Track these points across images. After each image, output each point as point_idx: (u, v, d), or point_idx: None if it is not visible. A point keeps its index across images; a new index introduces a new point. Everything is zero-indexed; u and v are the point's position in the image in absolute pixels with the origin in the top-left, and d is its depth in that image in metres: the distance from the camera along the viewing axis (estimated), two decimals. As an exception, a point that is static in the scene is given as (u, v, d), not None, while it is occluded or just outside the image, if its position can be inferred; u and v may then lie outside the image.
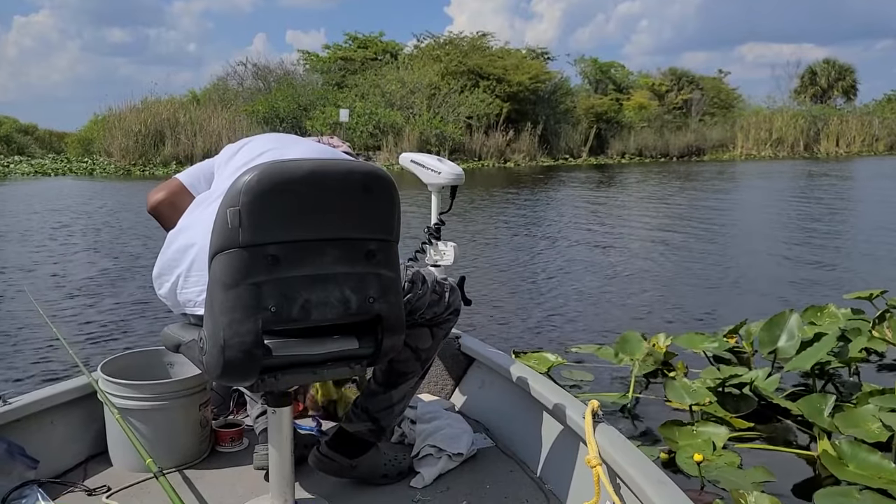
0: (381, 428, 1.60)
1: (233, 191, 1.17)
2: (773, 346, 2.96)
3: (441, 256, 2.03)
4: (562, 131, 24.24)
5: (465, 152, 21.20)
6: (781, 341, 2.96)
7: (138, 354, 1.87)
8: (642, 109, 27.81)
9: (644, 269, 5.58)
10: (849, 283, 4.78)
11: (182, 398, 1.69)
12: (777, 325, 3.00)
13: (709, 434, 2.29)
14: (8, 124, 24.44)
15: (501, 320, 4.04)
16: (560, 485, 1.58)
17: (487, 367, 2.02)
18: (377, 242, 1.27)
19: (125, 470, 1.66)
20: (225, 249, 1.17)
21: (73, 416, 1.72)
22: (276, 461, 1.41)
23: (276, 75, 24.09)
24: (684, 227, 8.06)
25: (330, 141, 1.70)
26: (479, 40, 25.06)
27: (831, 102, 33.48)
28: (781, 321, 3.00)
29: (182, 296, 1.37)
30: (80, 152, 21.00)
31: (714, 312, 4.18)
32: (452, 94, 21.62)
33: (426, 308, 1.54)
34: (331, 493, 1.58)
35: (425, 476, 1.64)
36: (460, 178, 1.98)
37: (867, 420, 2.26)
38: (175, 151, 18.30)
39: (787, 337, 2.95)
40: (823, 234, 7.37)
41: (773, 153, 27.10)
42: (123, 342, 3.58)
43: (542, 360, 3.04)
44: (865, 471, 2.01)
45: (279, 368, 1.27)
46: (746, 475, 2.08)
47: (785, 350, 2.91)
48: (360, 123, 19.94)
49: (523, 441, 1.78)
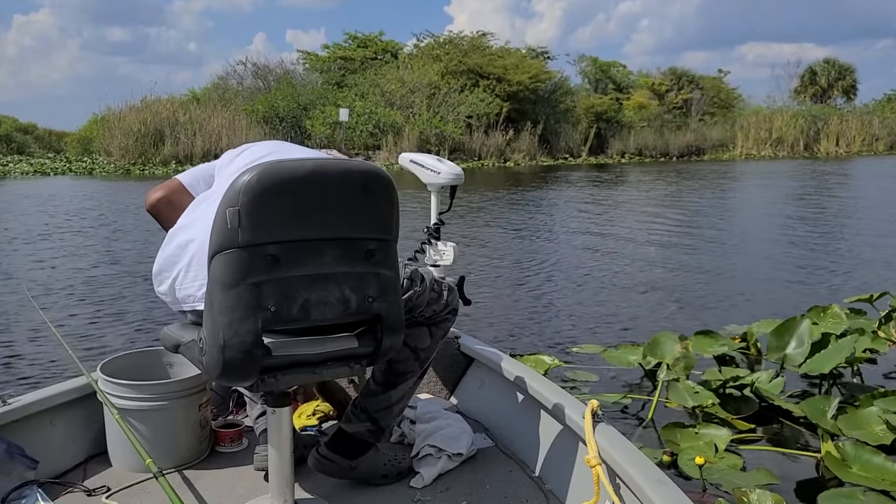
0: (381, 428, 1.60)
1: (232, 190, 1.17)
2: (782, 353, 2.86)
3: (440, 256, 2.03)
4: (562, 131, 24.23)
5: (465, 152, 21.19)
6: (790, 348, 2.85)
7: (138, 354, 1.87)
8: (642, 109, 27.82)
9: (645, 270, 5.57)
10: (849, 285, 4.78)
11: (182, 398, 1.68)
12: (787, 331, 2.89)
13: (711, 436, 2.28)
14: (7, 123, 24.39)
15: (502, 320, 4.03)
16: (560, 484, 1.58)
17: (487, 367, 2.02)
18: (376, 242, 1.28)
19: (125, 470, 1.66)
20: (224, 249, 1.17)
21: (73, 417, 1.72)
22: (276, 462, 1.40)
23: (275, 75, 24.08)
24: (685, 227, 8.06)
25: (329, 154, 1.70)
26: (478, 40, 25.06)
27: (831, 102, 33.48)
28: (792, 327, 2.89)
29: (182, 292, 1.37)
30: (80, 152, 20.98)
31: (716, 314, 4.16)
32: (452, 94, 21.62)
33: (425, 306, 1.55)
34: (330, 493, 1.58)
35: (425, 476, 1.64)
36: (460, 178, 1.99)
37: (871, 422, 2.25)
38: (175, 151, 18.28)
39: (797, 343, 2.84)
40: (824, 236, 7.36)
41: (772, 153, 27.11)
42: (123, 342, 3.57)
43: (539, 361, 3.02)
44: (869, 473, 2.00)
45: (279, 368, 1.27)
46: (749, 477, 2.08)
47: (793, 358, 2.81)
48: (359, 123, 19.93)
49: (523, 441, 1.78)
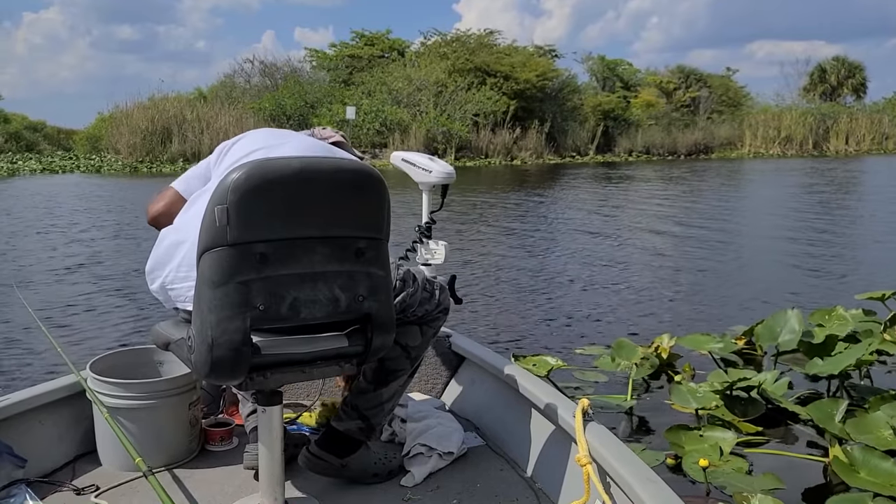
0: (371, 426, 1.60)
1: (221, 189, 1.17)
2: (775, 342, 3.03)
3: (432, 255, 2.03)
4: (569, 129, 24.16)
5: (472, 150, 21.17)
6: (782, 336, 3.04)
7: (128, 353, 1.85)
8: (650, 107, 27.70)
9: (651, 270, 5.53)
10: (861, 284, 4.70)
11: (171, 397, 1.66)
12: (777, 322, 3.09)
13: (716, 439, 2.24)
14: (17, 121, 24.56)
15: (503, 321, 3.99)
16: (550, 483, 1.58)
17: (478, 366, 2.02)
18: (367, 241, 1.27)
19: (114, 469, 1.65)
20: (213, 247, 1.16)
21: (62, 415, 1.71)
22: (267, 460, 1.39)
23: (283, 73, 24.13)
24: (692, 225, 7.99)
25: (322, 133, 1.69)
26: (486, 38, 25.02)
27: (841, 100, 33.20)
28: (782, 319, 3.10)
29: (173, 291, 1.37)
30: (88, 149, 21.08)
31: (722, 313, 4.12)
32: (459, 92, 21.58)
33: (417, 306, 1.55)
34: (321, 492, 1.57)
35: (416, 475, 1.63)
36: (451, 176, 1.99)
37: (879, 426, 2.21)
38: (182, 148, 18.36)
39: (788, 331, 3.02)
40: (835, 234, 7.28)
41: (781, 151, 26.94)
42: (113, 340, 3.54)
43: (543, 362, 2.99)
44: (877, 478, 1.95)
45: (268, 367, 1.26)
46: (755, 481, 2.03)
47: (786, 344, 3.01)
48: (366, 121, 19.94)
49: (514, 440, 1.78)
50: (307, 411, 1.95)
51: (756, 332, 3.19)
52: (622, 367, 2.98)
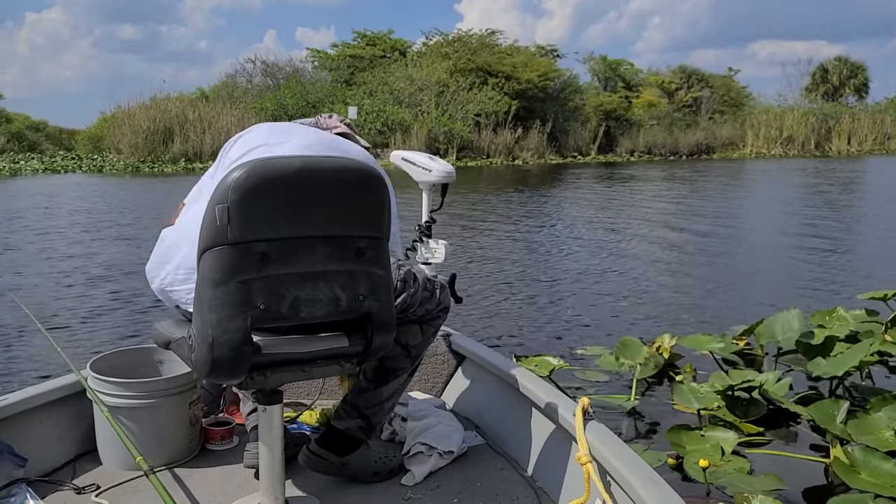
0: (371, 425, 1.59)
1: (221, 188, 1.16)
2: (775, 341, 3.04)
3: (432, 254, 2.03)
4: (571, 129, 24.15)
5: (474, 150, 21.16)
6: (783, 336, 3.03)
7: (128, 352, 1.85)
8: (651, 107, 27.67)
9: (652, 269, 5.52)
10: (863, 283, 4.69)
11: (172, 396, 1.66)
12: (778, 322, 3.09)
13: (717, 439, 2.23)
14: (19, 121, 24.58)
15: (503, 321, 3.99)
16: (551, 482, 1.58)
17: (478, 365, 2.02)
18: (367, 240, 1.27)
19: (114, 468, 1.65)
20: (213, 247, 1.16)
21: (62, 415, 1.71)
22: (267, 459, 1.39)
23: (284, 73, 24.13)
24: (694, 225, 7.98)
25: (327, 122, 1.67)
26: (487, 38, 25.01)
27: (843, 100, 33.10)
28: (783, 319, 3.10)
29: (172, 291, 1.38)
30: (90, 149, 21.08)
31: (724, 313, 4.11)
32: (461, 92, 21.57)
33: (418, 305, 1.54)
34: (321, 490, 1.57)
35: (416, 474, 1.63)
36: (451, 175, 1.99)
37: (881, 427, 2.21)
38: (184, 148, 18.37)
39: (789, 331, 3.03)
40: (838, 233, 7.27)
41: (783, 151, 26.90)
42: (113, 339, 3.54)
43: (545, 363, 2.98)
44: (878, 479, 1.95)
45: (268, 366, 1.26)
46: (756, 482, 2.03)
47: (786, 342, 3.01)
48: (368, 121, 19.94)
49: (514, 439, 1.78)
50: (307, 410, 1.96)
51: (756, 332, 3.18)
52: (626, 367, 2.97)
